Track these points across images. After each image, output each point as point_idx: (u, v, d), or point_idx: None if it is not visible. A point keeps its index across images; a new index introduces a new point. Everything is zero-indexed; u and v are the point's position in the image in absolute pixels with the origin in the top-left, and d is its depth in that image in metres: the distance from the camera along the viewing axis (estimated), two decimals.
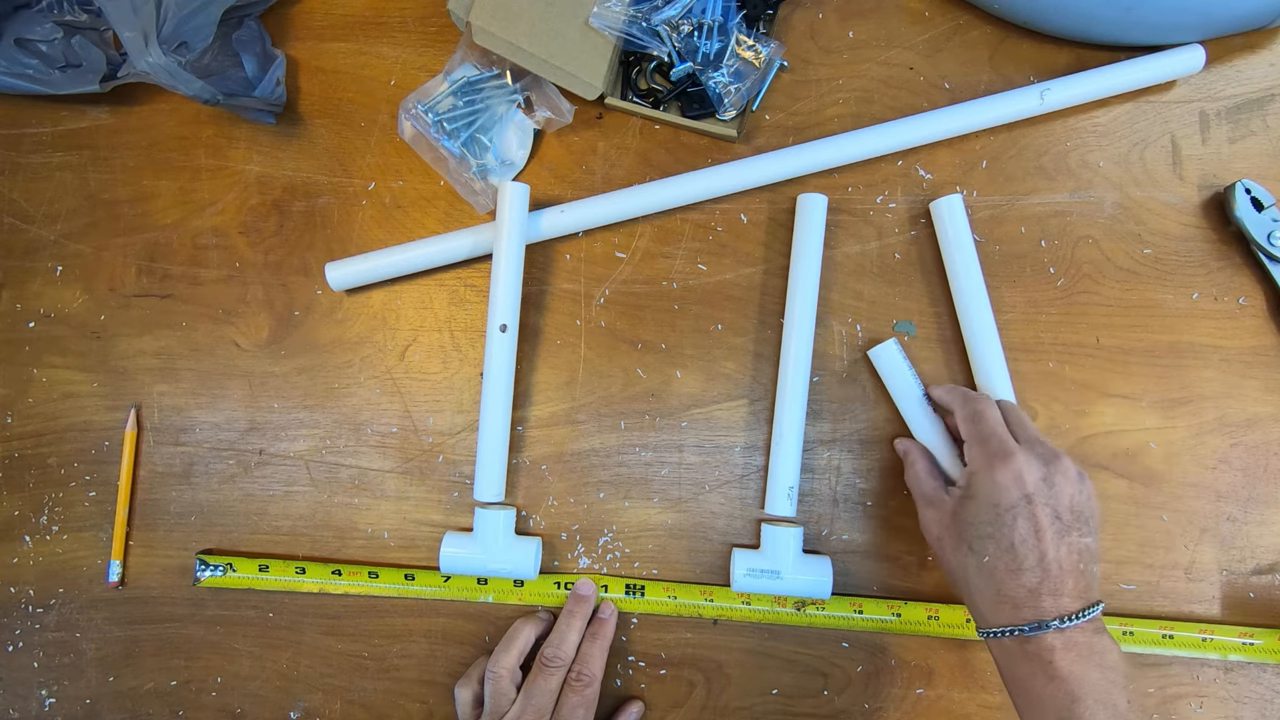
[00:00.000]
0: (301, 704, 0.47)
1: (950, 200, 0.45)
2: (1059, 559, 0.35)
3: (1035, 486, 0.36)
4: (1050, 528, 0.36)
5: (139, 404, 0.48)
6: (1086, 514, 0.37)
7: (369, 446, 0.47)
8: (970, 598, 0.38)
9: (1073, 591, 0.35)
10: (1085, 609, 0.35)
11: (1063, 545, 0.36)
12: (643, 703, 0.46)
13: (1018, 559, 0.35)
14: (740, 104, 0.46)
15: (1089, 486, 0.38)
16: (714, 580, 0.46)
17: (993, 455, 0.38)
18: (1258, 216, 0.45)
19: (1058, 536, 0.36)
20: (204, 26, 0.44)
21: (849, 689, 0.45)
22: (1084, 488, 0.37)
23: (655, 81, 0.48)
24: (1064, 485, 0.37)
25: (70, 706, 0.47)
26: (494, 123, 0.47)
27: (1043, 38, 0.48)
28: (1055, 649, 0.34)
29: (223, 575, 0.46)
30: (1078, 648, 0.34)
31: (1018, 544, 0.36)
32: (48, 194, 0.49)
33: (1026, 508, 0.36)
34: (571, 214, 0.46)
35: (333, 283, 0.46)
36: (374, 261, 0.47)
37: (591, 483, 0.47)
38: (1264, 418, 0.45)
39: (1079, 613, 0.34)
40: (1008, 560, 0.36)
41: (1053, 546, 0.35)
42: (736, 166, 0.46)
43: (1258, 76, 0.47)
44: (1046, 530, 0.35)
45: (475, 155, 0.46)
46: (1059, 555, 0.35)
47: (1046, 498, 0.36)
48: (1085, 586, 0.35)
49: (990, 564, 0.36)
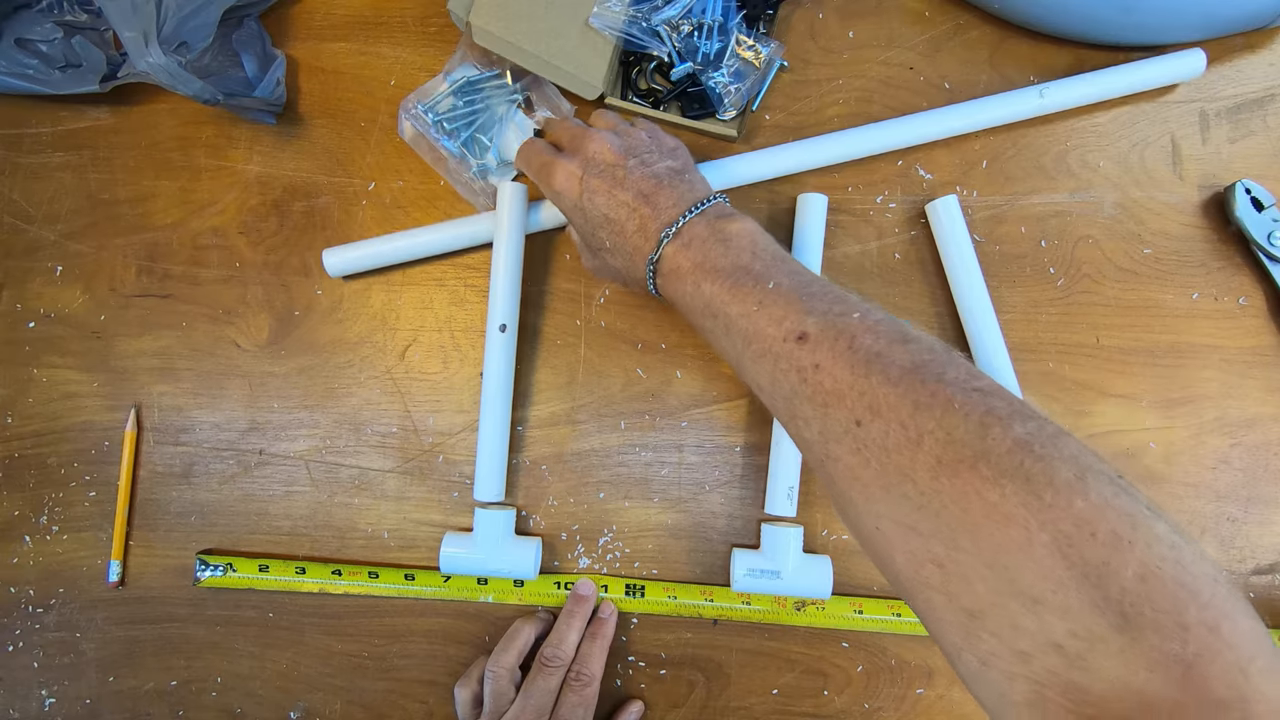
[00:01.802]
0: (301, 704, 0.47)
1: (946, 201, 0.45)
2: (641, 191, 0.36)
3: (584, 167, 0.38)
4: (617, 181, 0.37)
5: (139, 404, 0.48)
6: (646, 147, 0.38)
7: (369, 446, 0.47)
8: (634, 287, 0.40)
9: (669, 204, 0.36)
10: (687, 210, 0.35)
11: (635, 181, 0.37)
12: (643, 703, 0.46)
13: (615, 220, 0.37)
14: (740, 104, 0.46)
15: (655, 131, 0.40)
16: (714, 580, 0.46)
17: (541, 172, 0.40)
18: (1258, 216, 0.45)
19: (628, 178, 0.37)
20: (204, 26, 0.44)
21: (849, 689, 0.45)
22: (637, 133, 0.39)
23: (655, 82, 0.48)
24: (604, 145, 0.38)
25: (70, 706, 0.47)
26: (494, 122, 0.47)
27: (1043, 38, 0.48)
28: (678, 255, 0.35)
29: (223, 575, 0.46)
30: (698, 241, 0.35)
31: (606, 212, 0.37)
32: (48, 194, 0.49)
33: (589, 182, 0.38)
34: None
35: (330, 268, 0.47)
36: (372, 248, 0.47)
37: (591, 483, 0.47)
38: (1264, 418, 0.45)
39: (682, 215, 0.35)
40: (612, 230, 0.37)
41: (628, 188, 0.37)
42: (736, 161, 0.46)
43: (1258, 76, 0.47)
44: (615, 184, 0.37)
45: (475, 155, 0.46)
46: (640, 188, 0.37)
47: (599, 166, 0.38)
48: (681, 195, 0.36)
49: (611, 245, 0.38)
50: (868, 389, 0.27)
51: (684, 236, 0.35)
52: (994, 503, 0.23)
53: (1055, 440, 0.24)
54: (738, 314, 0.32)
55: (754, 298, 0.31)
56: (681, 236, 0.35)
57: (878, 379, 0.27)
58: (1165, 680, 0.20)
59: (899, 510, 0.25)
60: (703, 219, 0.35)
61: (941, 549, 0.24)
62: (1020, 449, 0.23)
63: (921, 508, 0.25)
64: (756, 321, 0.31)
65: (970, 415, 0.25)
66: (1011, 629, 0.22)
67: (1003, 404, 0.25)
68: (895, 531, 0.26)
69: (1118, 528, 0.22)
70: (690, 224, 0.35)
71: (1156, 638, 0.20)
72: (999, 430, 0.24)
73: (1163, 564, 0.21)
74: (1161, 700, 0.20)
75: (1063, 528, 0.22)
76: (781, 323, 0.30)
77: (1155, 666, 0.20)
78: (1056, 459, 0.23)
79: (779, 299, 0.31)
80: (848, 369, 0.27)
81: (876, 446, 0.26)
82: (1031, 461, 0.23)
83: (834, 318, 0.29)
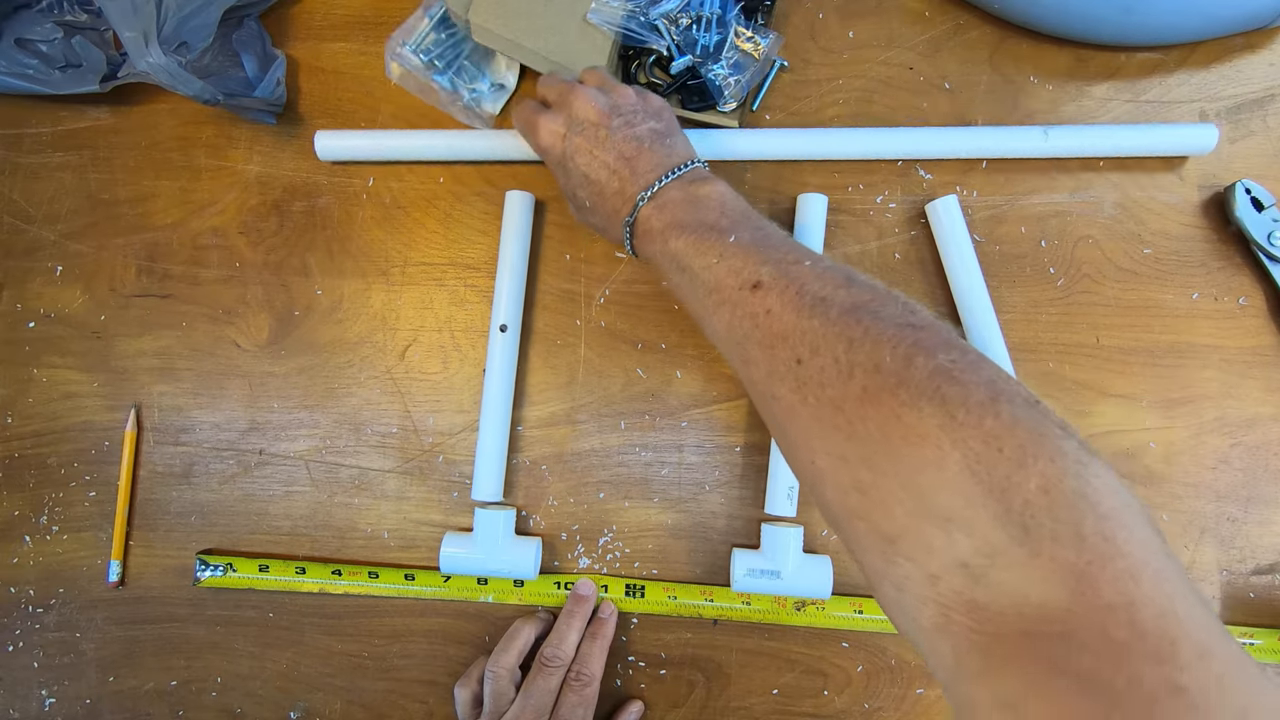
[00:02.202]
0: (301, 704, 0.47)
1: (946, 201, 0.45)
2: (622, 153, 0.37)
3: (568, 124, 0.39)
4: (599, 141, 0.38)
5: (139, 404, 0.48)
6: (632, 106, 0.39)
7: (369, 446, 0.47)
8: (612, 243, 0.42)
9: (648, 168, 0.37)
10: (664, 175, 0.36)
11: (617, 143, 0.37)
12: (643, 703, 0.46)
13: (596, 181, 0.38)
14: (740, 95, 0.46)
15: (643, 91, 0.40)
16: (714, 580, 0.46)
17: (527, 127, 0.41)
18: (1258, 216, 0.45)
19: (610, 139, 0.37)
20: (204, 27, 0.44)
21: (849, 689, 0.45)
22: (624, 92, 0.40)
23: (655, 75, 0.48)
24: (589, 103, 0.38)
25: (70, 706, 0.47)
26: (480, 49, 0.47)
27: (1043, 38, 0.48)
28: (652, 217, 0.36)
29: (223, 575, 0.46)
30: (672, 204, 0.36)
31: (587, 172, 0.38)
32: (48, 194, 0.49)
33: (572, 140, 0.38)
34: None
35: (321, 151, 0.47)
36: (368, 139, 0.47)
37: (591, 483, 0.47)
38: (1264, 418, 0.45)
39: (659, 179, 0.36)
40: (592, 191, 0.38)
41: (610, 149, 0.37)
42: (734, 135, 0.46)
43: (1258, 76, 0.47)
44: (597, 145, 0.38)
45: (466, 82, 0.47)
46: (621, 150, 0.37)
47: (583, 124, 0.38)
48: (660, 159, 0.37)
49: (590, 205, 0.39)
50: (810, 329, 0.28)
51: (659, 200, 0.36)
52: (911, 424, 0.24)
53: (975, 366, 0.25)
54: (701, 267, 0.33)
55: (716, 251, 0.33)
56: (657, 200, 0.36)
57: (819, 320, 0.28)
58: (1059, 589, 0.20)
59: (831, 442, 0.27)
60: (679, 183, 0.36)
61: (866, 474, 0.25)
62: (939, 374, 0.25)
63: (850, 437, 0.26)
64: (717, 273, 0.32)
65: (898, 347, 0.26)
66: (925, 551, 0.23)
67: (931, 337, 0.26)
68: (827, 463, 0.27)
69: (1024, 443, 0.22)
70: (666, 188, 0.36)
71: (1054, 547, 0.21)
72: (922, 359, 0.25)
73: (1065, 477, 0.22)
74: (1055, 609, 0.20)
75: (972, 445, 0.23)
76: (739, 273, 0.31)
77: (1050, 576, 0.21)
78: (973, 382, 0.24)
79: (739, 252, 0.32)
80: (794, 312, 0.29)
81: (814, 382, 0.27)
82: (949, 385, 0.24)
83: (786, 266, 0.31)
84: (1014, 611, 0.21)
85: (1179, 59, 0.48)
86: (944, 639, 0.23)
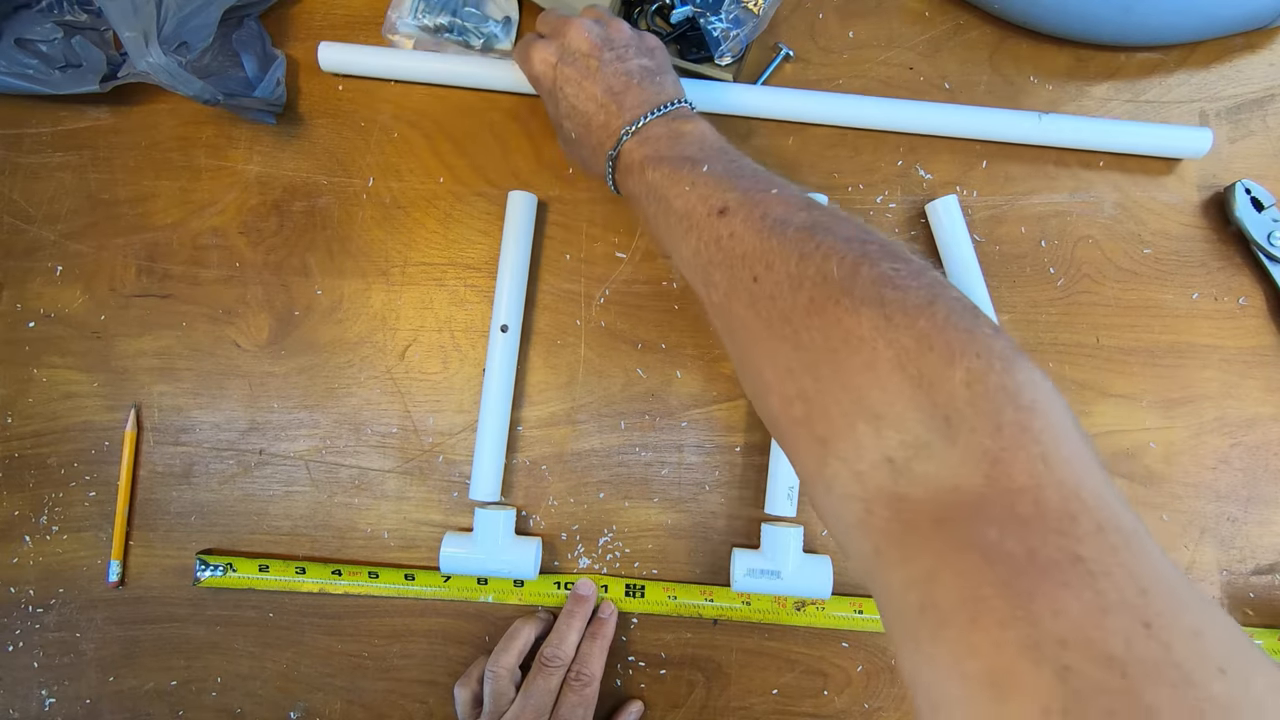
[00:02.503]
0: (301, 704, 0.47)
1: (946, 201, 0.45)
2: (610, 87, 0.37)
3: (559, 54, 0.39)
4: (589, 73, 0.38)
5: (139, 404, 0.48)
6: (625, 41, 0.39)
7: (369, 446, 0.47)
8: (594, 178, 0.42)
9: (635, 103, 0.37)
10: (650, 111, 0.36)
11: (606, 77, 0.37)
12: (643, 703, 0.46)
13: (583, 113, 0.38)
14: (739, 50, 0.46)
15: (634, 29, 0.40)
16: (714, 580, 0.46)
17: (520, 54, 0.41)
18: (1258, 216, 0.45)
19: (600, 72, 0.38)
20: (204, 27, 0.44)
21: (849, 689, 0.45)
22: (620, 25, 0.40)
23: (655, 24, 0.48)
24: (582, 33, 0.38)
25: (70, 706, 0.47)
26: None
27: (1042, 38, 0.48)
28: (634, 151, 0.36)
29: (223, 575, 0.46)
30: (653, 139, 0.36)
31: (575, 103, 0.38)
32: (48, 194, 0.49)
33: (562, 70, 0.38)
34: None
35: (323, 62, 0.47)
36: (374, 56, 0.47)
37: (591, 483, 0.47)
38: (1264, 418, 0.45)
39: (645, 115, 0.36)
40: (578, 123, 0.38)
41: (598, 82, 0.38)
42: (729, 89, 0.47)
43: (1258, 76, 0.47)
44: (587, 76, 0.38)
45: (475, 27, 0.47)
46: (610, 84, 0.37)
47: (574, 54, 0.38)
48: (648, 96, 0.37)
49: (577, 137, 0.39)
50: (768, 248, 0.29)
51: (642, 135, 0.36)
52: (850, 328, 0.25)
53: (918, 274, 0.26)
54: (674, 195, 0.34)
55: (688, 180, 0.33)
56: (639, 135, 0.36)
57: (776, 240, 0.29)
58: (974, 474, 0.21)
59: (779, 353, 0.27)
60: (663, 120, 0.37)
61: (809, 381, 0.26)
62: (882, 281, 0.25)
63: (796, 346, 0.26)
64: (689, 200, 0.33)
65: (846, 259, 0.26)
66: (855, 449, 0.24)
67: (879, 250, 0.27)
68: (775, 375, 0.28)
69: (953, 340, 0.23)
70: (650, 124, 0.36)
71: (972, 437, 0.22)
72: (867, 268, 0.26)
73: (990, 372, 0.22)
74: (969, 493, 0.21)
75: (905, 343, 0.24)
76: (708, 200, 0.32)
77: (966, 463, 0.21)
78: (913, 287, 0.25)
79: (710, 180, 0.33)
80: (756, 234, 0.30)
81: (766, 297, 0.28)
82: (889, 290, 0.25)
83: (753, 192, 0.31)
84: (931, 500, 0.22)
85: (1179, 59, 0.48)
86: (865, 534, 0.23)
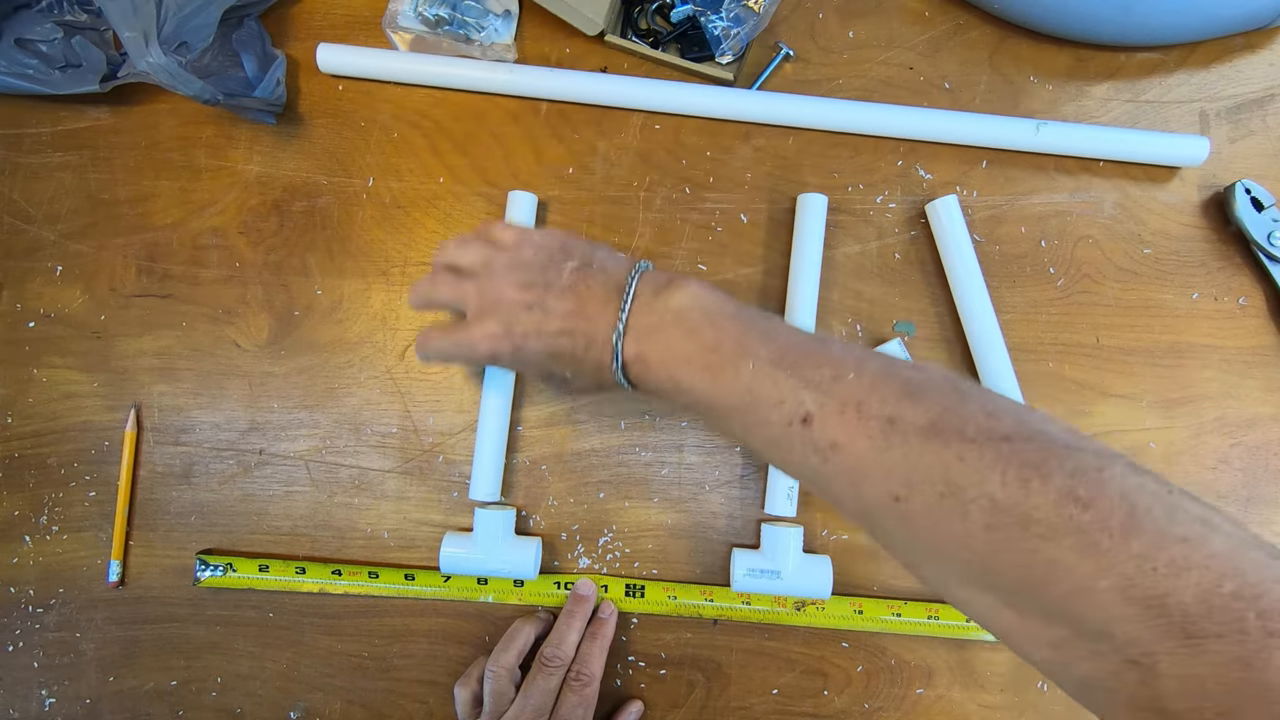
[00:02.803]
0: (301, 704, 0.47)
1: (946, 201, 0.45)
2: (567, 313, 0.34)
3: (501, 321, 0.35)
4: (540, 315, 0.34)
5: (139, 404, 0.48)
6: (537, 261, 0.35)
7: (369, 446, 0.47)
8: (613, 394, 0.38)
9: (598, 310, 0.33)
10: (621, 305, 0.33)
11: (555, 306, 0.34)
12: (642, 703, 0.46)
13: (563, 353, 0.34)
14: (739, 48, 0.46)
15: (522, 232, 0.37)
16: (714, 580, 0.46)
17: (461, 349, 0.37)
18: (1258, 216, 0.45)
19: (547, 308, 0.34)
20: (204, 27, 0.44)
21: (849, 689, 0.45)
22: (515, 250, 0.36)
23: (655, 23, 0.48)
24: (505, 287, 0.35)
25: (70, 706, 0.47)
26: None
27: (1042, 38, 0.48)
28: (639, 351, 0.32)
29: (223, 575, 0.46)
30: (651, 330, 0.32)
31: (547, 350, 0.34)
32: (48, 194, 0.49)
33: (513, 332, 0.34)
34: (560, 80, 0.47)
35: (322, 64, 0.47)
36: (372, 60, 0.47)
37: (591, 483, 0.47)
38: (1264, 418, 0.45)
39: (619, 313, 0.33)
40: (563, 362, 0.35)
41: (555, 317, 0.34)
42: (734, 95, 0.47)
43: (1258, 76, 0.47)
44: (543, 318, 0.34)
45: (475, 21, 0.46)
46: (564, 311, 0.34)
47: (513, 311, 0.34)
48: (604, 291, 0.34)
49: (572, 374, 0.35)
50: (894, 463, 0.26)
51: (634, 332, 0.32)
52: (1053, 559, 0.23)
53: (1099, 478, 0.24)
54: (733, 406, 0.30)
55: (740, 384, 0.30)
56: (631, 333, 0.32)
57: (899, 451, 0.26)
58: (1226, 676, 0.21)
59: (963, 573, 0.26)
60: (641, 305, 0.33)
61: (1013, 601, 0.25)
62: (1066, 500, 0.23)
63: (984, 569, 0.25)
64: (756, 411, 0.29)
65: (1007, 473, 0.24)
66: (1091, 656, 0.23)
67: (1033, 449, 0.25)
68: (962, 590, 0.26)
69: (1174, 556, 0.22)
70: (633, 315, 0.33)
71: (1218, 645, 0.21)
72: (1038, 484, 0.24)
73: (1222, 581, 0.22)
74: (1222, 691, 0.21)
75: (1124, 570, 0.22)
76: (781, 407, 0.28)
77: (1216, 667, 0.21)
78: (1103, 501, 0.23)
79: (765, 379, 0.29)
80: (866, 442, 0.26)
81: (922, 518, 0.26)
82: (1079, 511, 0.23)
83: (831, 385, 0.28)
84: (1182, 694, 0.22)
85: (1179, 59, 0.48)
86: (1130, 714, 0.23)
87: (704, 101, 0.46)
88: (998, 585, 0.25)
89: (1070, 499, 0.23)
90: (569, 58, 0.48)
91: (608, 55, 0.48)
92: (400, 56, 0.48)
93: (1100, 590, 0.22)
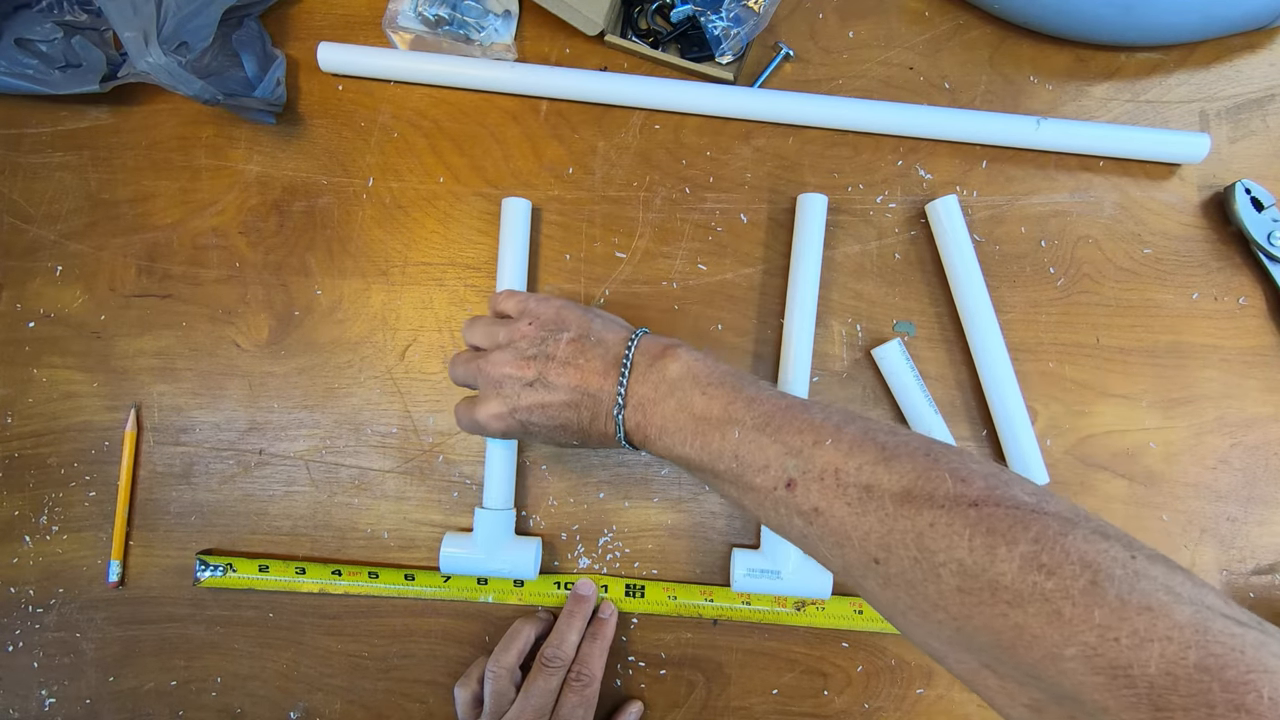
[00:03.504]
0: (301, 704, 0.47)
1: (946, 201, 0.45)
2: (569, 386, 0.35)
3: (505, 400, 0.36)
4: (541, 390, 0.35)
5: (139, 404, 0.48)
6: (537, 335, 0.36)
7: (369, 446, 0.47)
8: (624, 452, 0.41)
9: (599, 383, 0.34)
10: (619, 377, 0.34)
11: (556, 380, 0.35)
12: (642, 703, 0.46)
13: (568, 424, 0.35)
14: (739, 48, 0.46)
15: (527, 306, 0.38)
16: (714, 580, 0.46)
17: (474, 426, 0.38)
18: (1258, 216, 0.45)
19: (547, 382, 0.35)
20: (204, 27, 0.44)
21: (849, 689, 0.45)
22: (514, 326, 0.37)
23: (656, 23, 0.48)
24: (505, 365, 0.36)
25: (70, 706, 0.47)
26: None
27: (1043, 38, 0.48)
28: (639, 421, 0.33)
29: (223, 575, 0.46)
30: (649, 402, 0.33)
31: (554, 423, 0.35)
32: (48, 194, 0.49)
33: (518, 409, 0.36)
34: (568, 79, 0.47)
35: (323, 62, 0.47)
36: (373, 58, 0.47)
37: (591, 483, 0.47)
38: (1264, 418, 0.45)
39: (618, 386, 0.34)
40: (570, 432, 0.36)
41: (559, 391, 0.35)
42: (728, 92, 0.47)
43: (1258, 76, 0.47)
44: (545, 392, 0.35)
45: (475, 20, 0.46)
46: (566, 385, 0.35)
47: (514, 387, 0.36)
48: (602, 363, 0.34)
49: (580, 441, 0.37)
50: (870, 527, 0.27)
51: (633, 403, 0.34)
52: (1020, 624, 0.24)
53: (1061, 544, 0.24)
54: (724, 470, 0.31)
55: (729, 452, 0.31)
56: (631, 404, 0.34)
57: (875, 517, 0.27)
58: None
59: (941, 634, 0.26)
60: (638, 376, 0.34)
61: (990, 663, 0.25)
62: (1030, 567, 0.24)
63: (959, 631, 0.26)
64: (744, 476, 0.31)
65: (974, 540, 0.25)
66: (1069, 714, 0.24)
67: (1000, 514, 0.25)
68: (942, 649, 0.27)
69: (1138, 627, 0.22)
70: (631, 386, 0.34)
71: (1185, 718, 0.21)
72: (1004, 550, 0.25)
73: (1186, 653, 0.22)
74: None
75: (1087, 639, 0.23)
76: (766, 471, 0.30)
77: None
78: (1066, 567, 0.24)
79: (750, 445, 0.30)
80: (844, 506, 0.28)
81: (901, 580, 0.27)
82: (1043, 578, 0.24)
83: (811, 451, 0.29)
84: None
85: (1179, 59, 0.48)
86: None
87: (704, 100, 0.46)
88: (973, 646, 0.26)
89: (1034, 565, 0.24)
90: (569, 58, 0.48)
91: (608, 55, 0.48)
92: (400, 55, 0.48)
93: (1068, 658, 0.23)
